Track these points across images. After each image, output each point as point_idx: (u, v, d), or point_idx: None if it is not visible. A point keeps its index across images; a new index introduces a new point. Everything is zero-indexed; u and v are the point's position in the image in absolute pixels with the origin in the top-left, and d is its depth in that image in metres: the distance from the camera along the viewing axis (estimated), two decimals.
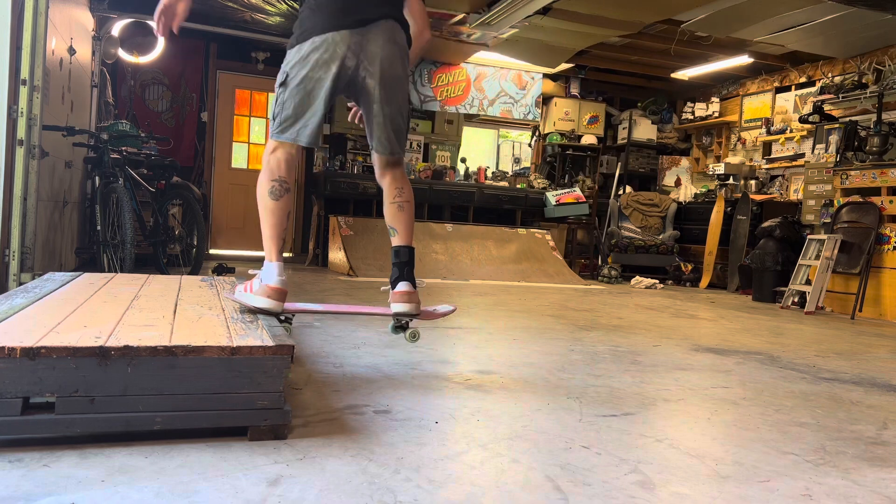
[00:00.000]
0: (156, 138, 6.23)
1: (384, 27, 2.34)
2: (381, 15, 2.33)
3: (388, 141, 2.43)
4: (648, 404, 2.35)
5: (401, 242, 2.46)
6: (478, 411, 2.12)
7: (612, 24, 6.72)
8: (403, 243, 2.46)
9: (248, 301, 2.26)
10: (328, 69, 2.29)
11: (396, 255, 2.45)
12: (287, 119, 2.34)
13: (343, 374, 2.48)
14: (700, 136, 9.80)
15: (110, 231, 4.75)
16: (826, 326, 5.07)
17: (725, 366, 3.18)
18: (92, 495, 1.33)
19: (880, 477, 1.74)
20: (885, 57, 7.02)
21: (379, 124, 2.41)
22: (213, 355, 1.64)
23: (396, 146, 2.46)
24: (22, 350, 1.50)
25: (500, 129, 9.86)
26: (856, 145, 6.43)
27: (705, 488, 1.58)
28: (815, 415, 2.35)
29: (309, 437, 1.75)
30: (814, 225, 6.96)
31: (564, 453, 1.76)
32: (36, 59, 3.63)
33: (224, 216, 8.26)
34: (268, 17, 7.09)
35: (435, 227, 7.75)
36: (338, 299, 4.77)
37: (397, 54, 2.36)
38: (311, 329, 3.44)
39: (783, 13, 6.28)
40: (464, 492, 1.47)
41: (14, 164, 3.57)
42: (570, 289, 6.89)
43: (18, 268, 3.59)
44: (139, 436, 1.62)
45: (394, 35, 2.36)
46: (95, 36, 6.34)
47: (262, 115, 8.50)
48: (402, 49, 2.39)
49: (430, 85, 8.82)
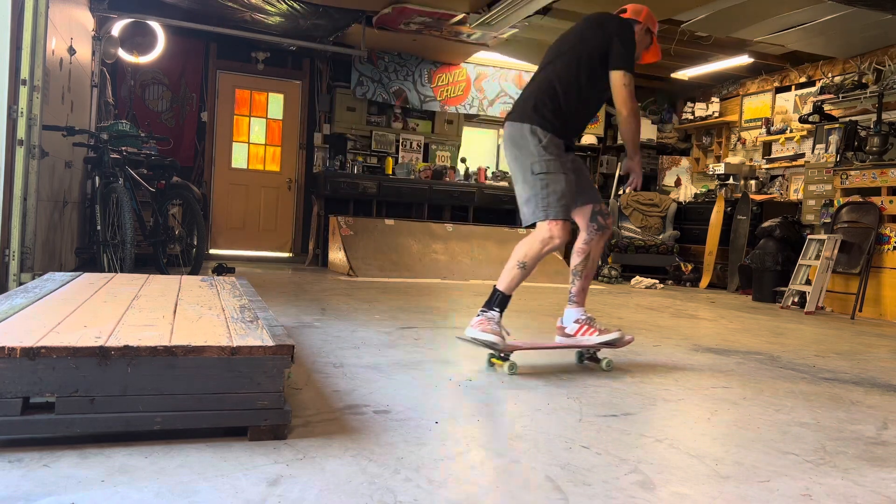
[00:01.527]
0: (156, 138, 6.23)
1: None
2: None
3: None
4: (648, 404, 2.35)
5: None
6: (478, 411, 2.12)
7: None
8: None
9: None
10: None
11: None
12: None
13: (343, 374, 2.48)
14: (700, 136, 9.80)
15: (110, 231, 4.75)
16: (826, 326, 5.07)
17: (725, 366, 3.18)
18: (92, 495, 1.33)
19: (880, 477, 1.74)
20: (885, 57, 7.02)
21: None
22: (213, 355, 1.64)
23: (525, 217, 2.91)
24: (22, 350, 1.50)
25: (500, 129, 9.85)
26: (856, 145, 6.42)
27: (705, 488, 1.58)
28: (815, 415, 2.35)
29: (309, 437, 1.75)
30: (814, 225, 6.95)
31: (564, 453, 1.76)
32: (36, 59, 3.63)
33: (224, 216, 8.26)
34: (268, 17, 7.08)
35: (435, 228, 7.75)
36: (338, 299, 4.77)
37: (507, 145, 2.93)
38: (311, 329, 3.44)
39: (783, 13, 6.28)
40: (464, 492, 1.47)
41: (14, 164, 3.57)
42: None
43: (18, 268, 3.59)
44: (139, 436, 1.62)
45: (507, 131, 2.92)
46: (95, 36, 6.34)
47: (262, 115, 8.50)
48: (508, 139, 2.91)
49: (430, 85, 8.82)
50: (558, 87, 2.82)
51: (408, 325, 3.76)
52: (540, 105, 2.80)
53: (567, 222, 2.82)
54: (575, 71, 2.83)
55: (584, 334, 2.95)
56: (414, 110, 8.88)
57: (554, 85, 2.82)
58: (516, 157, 2.85)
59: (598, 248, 3.07)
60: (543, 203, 2.76)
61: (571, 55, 2.86)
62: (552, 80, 2.84)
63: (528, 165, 2.79)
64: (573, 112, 2.85)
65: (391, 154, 8.66)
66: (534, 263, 2.85)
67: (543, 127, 2.77)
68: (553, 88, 2.82)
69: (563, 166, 2.79)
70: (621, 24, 2.90)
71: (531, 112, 2.80)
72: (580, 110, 2.90)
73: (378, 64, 8.52)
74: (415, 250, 7.34)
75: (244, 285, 2.96)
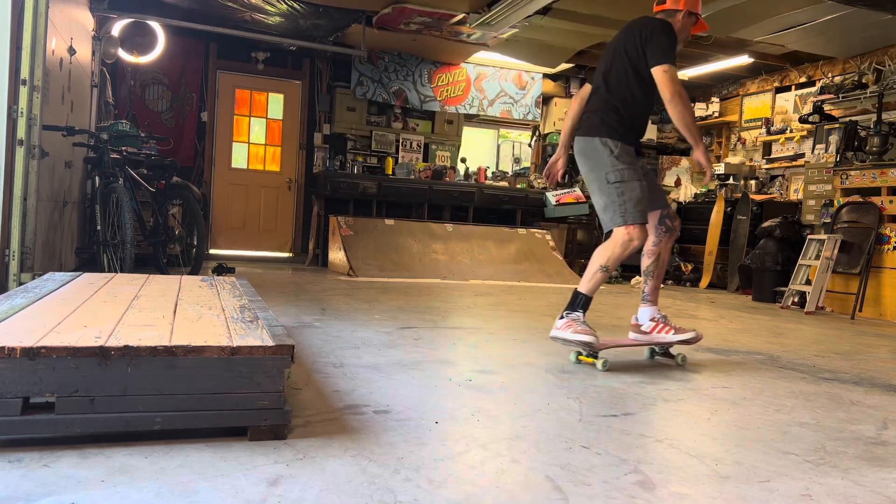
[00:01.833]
0: (156, 138, 6.22)
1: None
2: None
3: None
4: (648, 404, 2.35)
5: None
6: (478, 411, 2.12)
7: (612, 24, 6.71)
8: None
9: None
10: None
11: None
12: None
13: (343, 374, 2.48)
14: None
15: (110, 231, 4.75)
16: (826, 326, 5.07)
17: (725, 366, 3.18)
18: (92, 495, 1.33)
19: (880, 477, 1.74)
20: (885, 57, 7.02)
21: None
22: (213, 355, 1.64)
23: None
24: (22, 350, 1.50)
25: (500, 129, 9.86)
26: (856, 145, 6.42)
27: (705, 488, 1.58)
28: (815, 415, 2.35)
29: (309, 437, 1.75)
30: (814, 225, 6.95)
31: (564, 453, 1.76)
32: (36, 59, 3.63)
33: (224, 216, 8.26)
34: (268, 17, 7.08)
35: (435, 227, 7.75)
36: (338, 299, 4.77)
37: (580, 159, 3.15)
38: (311, 329, 3.44)
39: (783, 13, 6.28)
40: (464, 492, 1.47)
41: (14, 164, 3.57)
42: (571, 289, 6.85)
43: (18, 268, 3.59)
44: (139, 436, 1.62)
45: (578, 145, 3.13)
46: (95, 36, 6.34)
47: (262, 115, 8.50)
48: (580, 153, 3.12)
49: (430, 85, 8.82)
50: (617, 101, 3.03)
51: (408, 325, 3.76)
52: (606, 118, 3.01)
53: (644, 225, 3.00)
54: (625, 82, 3.04)
55: (659, 332, 3.15)
56: (414, 110, 8.88)
57: (613, 101, 3.03)
58: (591, 168, 3.05)
59: (667, 249, 3.24)
60: (621, 210, 2.94)
61: (620, 67, 3.05)
62: (609, 97, 3.05)
63: (602, 176, 2.99)
64: (635, 117, 3.07)
65: (391, 154, 8.66)
66: (615, 266, 3.03)
67: (613, 137, 2.98)
68: (612, 103, 3.03)
69: (636, 173, 2.98)
70: (654, 25, 3.04)
71: (599, 125, 3.01)
72: (640, 114, 3.11)
73: (378, 64, 8.52)
74: (415, 250, 7.34)
75: (244, 285, 2.96)
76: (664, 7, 3.14)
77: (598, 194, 3.02)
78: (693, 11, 3.14)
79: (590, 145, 3.03)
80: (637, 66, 3.00)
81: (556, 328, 2.97)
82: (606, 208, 2.99)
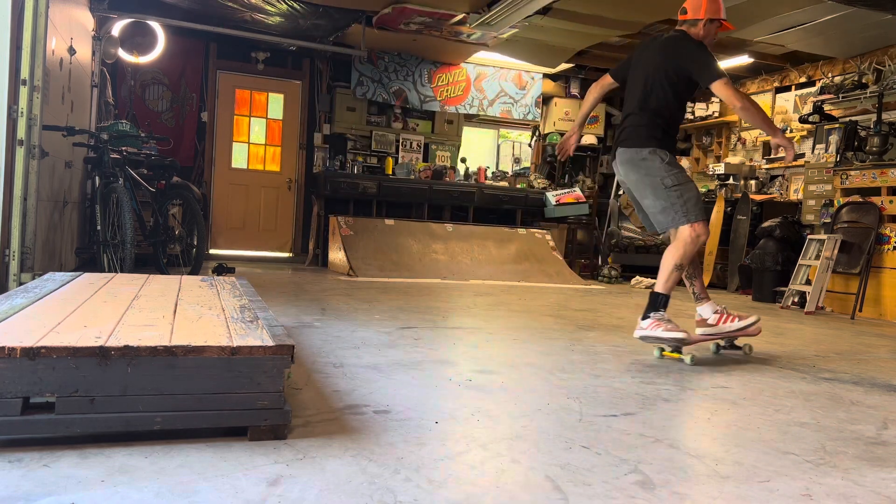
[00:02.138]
0: (156, 138, 6.23)
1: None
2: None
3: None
4: (648, 404, 2.35)
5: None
6: (478, 411, 2.12)
7: (612, 24, 6.71)
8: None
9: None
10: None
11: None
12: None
13: (343, 374, 2.48)
14: (700, 135, 9.80)
15: (110, 231, 4.75)
16: (826, 326, 5.07)
17: (725, 366, 3.18)
18: (92, 495, 1.33)
19: (880, 477, 1.74)
20: (885, 57, 7.02)
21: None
22: (213, 355, 1.64)
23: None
24: (22, 350, 1.50)
25: (500, 129, 9.86)
26: (856, 145, 6.42)
27: (705, 488, 1.58)
28: (815, 415, 2.35)
29: (309, 437, 1.75)
30: (814, 225, 6.95)
31: (564, 453, 1.76)
32: (36, 59, 3.63)
33: (224, 216, 8.26)
34: (268, 17, 7.08)
35: (435, 227, 7.75)
36: (338, 299, 4.77)
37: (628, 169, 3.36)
38: (311, 329, 3.44)
39: (783, 13, 6.28)
40: (464, 492, 1.47)
41: (14, 164, 3.57)
42: (570, 289, 6.89)
43: (18, 268, 3.59)
44: (139, 436, 1.62)
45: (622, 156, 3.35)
46: (95, 36, 6.34)
47: (262, 115, 8.50)
48: (627, 162, 3.33)
49: (430, 85, 8.82)
50: (660, 120, 3.27)
51: (408, 325, 3.76)
52: (652, 132, 3.25)
53: (706, 221, 3.23)
54: (665, 102, 3.28)
55: (725, 322, 3.33)
56: (414, 110, 8.88)
57: (657, 120, 3.27)
58: (642, 175, 3.26)
59: (698, 251, 3.42)
60: (683, 209, 3.16)
61: (660, 92, 3.28)
62: (655, 117, 3.27)
63: (658, 182, 3.20)
64: (673, 126, 3.36)
65: (391, 154, 8.66)
66: (689, 262, 3.22)
67: (662, 147, 3.23)
68: (657, 121, 3.27)
69: (686, 176, 3.26)
70: (685, 47, 3.27)
71: (648, 137, 3.25)
72: (678, 122, 3.41)
73: (378, 64, 8.52)
74: (415, 250, 7.34)
75: (244, 285, 2.96)
76: (686, 17, 3.33)
77: (654, 198, 3.23)
78: (714, 18, 3.30)
79: (639, 155, 3.24)
80: (676, 88, 3.27)
81: (641, 328, 3.14)
82: (666, 210, 3.20)
